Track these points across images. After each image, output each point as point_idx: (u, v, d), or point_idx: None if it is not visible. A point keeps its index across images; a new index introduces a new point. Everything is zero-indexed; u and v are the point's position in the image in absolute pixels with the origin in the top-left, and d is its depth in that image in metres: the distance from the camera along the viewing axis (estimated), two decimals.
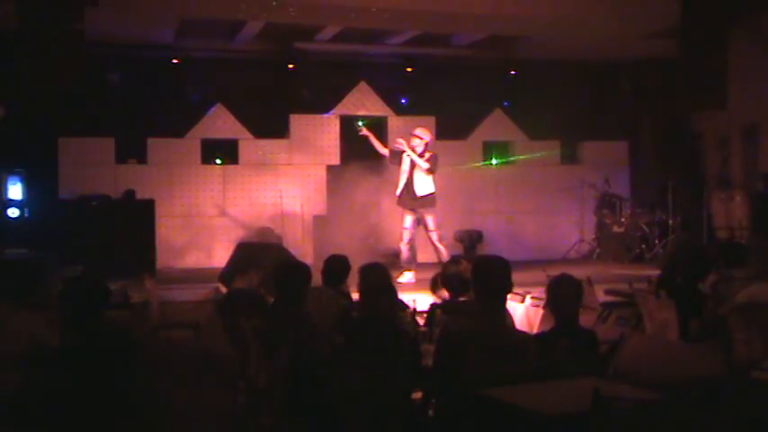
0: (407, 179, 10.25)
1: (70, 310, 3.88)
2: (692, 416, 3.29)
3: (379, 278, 5.37)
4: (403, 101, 13.39)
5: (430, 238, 10.36)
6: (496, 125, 13.55)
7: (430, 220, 10.29)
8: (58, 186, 11.76)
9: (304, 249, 12.17)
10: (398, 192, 10.36)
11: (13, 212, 10.86)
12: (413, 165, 10.19)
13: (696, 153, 13.21)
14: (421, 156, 10.16)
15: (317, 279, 6.06)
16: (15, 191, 10.99)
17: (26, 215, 10.98)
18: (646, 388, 3.66)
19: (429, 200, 10.28)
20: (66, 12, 8.14)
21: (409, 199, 10.27)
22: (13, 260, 9.23)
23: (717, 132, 12.82)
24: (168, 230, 12.04)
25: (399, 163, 10.32)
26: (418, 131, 10.29)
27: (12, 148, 10.97)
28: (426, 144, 10.22)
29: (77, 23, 8.34)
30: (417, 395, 4.80)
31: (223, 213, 12.29)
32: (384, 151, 10.61)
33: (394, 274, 9.35)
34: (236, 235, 11.98)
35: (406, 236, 10.34)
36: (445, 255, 10.22)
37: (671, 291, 6.60)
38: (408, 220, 10.33)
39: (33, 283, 5.30)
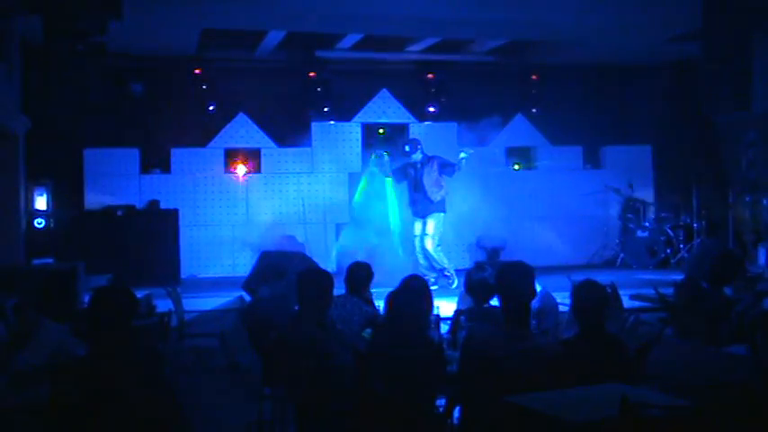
0: (416, 187, 10.21)
1: (99, 319, 3.90)
2: (720, 422, 3.25)
3: (414, 285, 5.35)
4: (432, 108, 13.39)
5: (421, 241, 10.26)
6: (519, 131, 13.52)
7: (430, 224, 10.22)
8: (83, 197, 11.88)
9: (327, 257, 12.20)
10: (410, 201, 10.32)
11: (39, 223, 10.97)
12: (418, 174, 10.17)
13: (721, 156, 13.08)
14: (428, 161, 10.17)
15: (340, 286, 6.06)
16: (41, 201, 11.11)
17: (52, 225, 11.09)
18: (674, 394, 3.62)
19: (442, 203, 10.27)
20: (90, 25, 8.22)
21: (426, 204, 10.20)
22: (39, 270, 9.32)
23: (742, 134, 12.69)
24: (192, 239, 12.11)
25: (405, 176, 10.33)
26: (412, 144, 10.32)
27: (38, 160, 11.10)
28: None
29: (101, 36, 8.43)
30: (442, 402, 4.79)
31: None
32: (388, 174, 10.55)
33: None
34: (260, 243, 12.02)
35: (419, 243, 10.31)
36: (440, 260, 10.16)
37: (697, 295, 6.53)
38: (418, 227, 10.31)
39: (59, 292, 5.34)
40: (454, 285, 10.05)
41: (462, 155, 10.22)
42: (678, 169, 13.71)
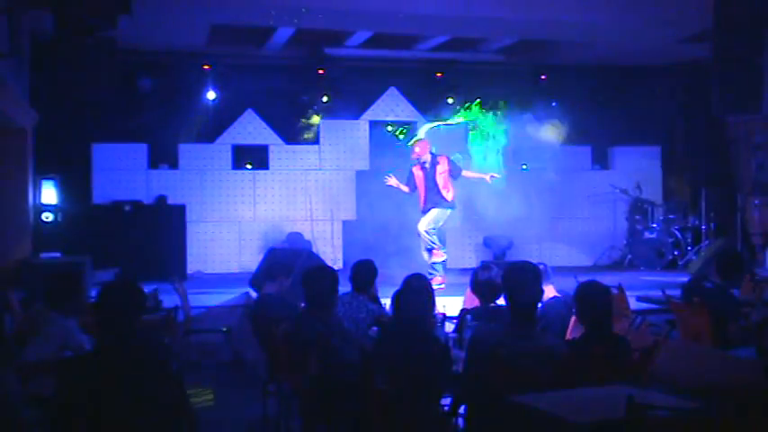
0: (428, 186, 10.15)
1: (107, 314, 3.90)
2: (727, 425, 3.23)
3: (417, 285, 5.35)
4: (450, 99, 13.37)
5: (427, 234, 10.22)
6: (526, 130, 13.46)
7: (432, 212, 10.15)
8: (91, 191, 11.91)
9: (334, 254, 12.22)
10: (423, 201, 10.24)
11: (47, 217, 11.00)
12: (429, 175, 10.12)
13: (730, 158, 13.05)
14: (438, 161, 10.14)
15: (346, 284, 6.06)
16: (49, 195, 11.13)
17: (60, 220, 11.12)
18: (680, 396, 3.61)
19: (453, 202, 10.24)
20: (100, 19, 8.22)
21: (438, 200, 10.15)
22: (46, 264, 9.35)
23: (751, 137, 12.66)
24: (199, 235, 12.13)
25: (415, 183, 10.27)
26: (420, 146, 10.26)
27: (46, 154, 11.12)
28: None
29: (110, 31, 8.43)
30: (447, 401, 4.79)
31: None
32: (405, 189, 10.47)
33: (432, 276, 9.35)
34: (267, 240, 12.04)
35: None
36: (431, 240, 10.10)
37: (703, 297, 6.51)
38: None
39: (66, 287, 5.35)
40: (434, 258, 9.97)
41: (488, 176, 10.30)
42: (687, 171, 13.68)
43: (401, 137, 10.17)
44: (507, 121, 12.99)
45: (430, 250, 10.06)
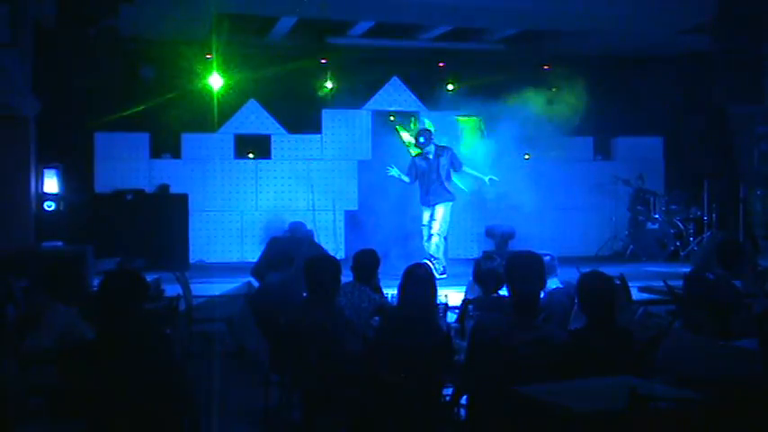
0: (431, 177, 10.16)
1: (109, 303, 3.90)
2: (729, 416, 3.24)
3: (420, 274, 5.35)
4: (451, 86, 13.36)
5: (430, 229, 10.24)
6: (529, 120, 13.42)
7: (440, 211, 10.18)
8: (93, 180, 11.92)
9: (336, 244, 12.22)
10: (423, 192, 10.26)
11: (49, 206, 11.00)
12: (432, 165, 10.14)
13: (732, 149, 13.01)
14: (441, 152, 10.17)
15: (348, 274, 6.06)
16: (51, 184, 11.13)
17: (62, 208, 11.12)
18: (683, 387, 3.61)
19: (453, 193, 10.26)
20: (102, 8, 8.22)
21: (441, 192, 10.17)
22: (48, 253, 9.35)
23: (753, 127, 12.62)
24: (201, 224, 12.14)
25: (416, 173, 10.27)
26: (426, 135, 10.27)
27: (48, 143, 11.11)
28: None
29: (112, 20, 8.43)
30: (449, 391, 4.79)
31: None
32: (406, 179, 10.50)
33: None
34: (269, 230, 12.04)
35: (428, 232, 10.28)
36: (436, 250, 10.13)
37: (706, 288, 6.50)
38: (426, 216, 10.28)
39: (68, 275, 5.35)
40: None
41: (486, 178, 10.41)
42: (689, 162, 13.64)
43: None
44: (509, 111, 12.96)
45: (430, 256, 10.08)
